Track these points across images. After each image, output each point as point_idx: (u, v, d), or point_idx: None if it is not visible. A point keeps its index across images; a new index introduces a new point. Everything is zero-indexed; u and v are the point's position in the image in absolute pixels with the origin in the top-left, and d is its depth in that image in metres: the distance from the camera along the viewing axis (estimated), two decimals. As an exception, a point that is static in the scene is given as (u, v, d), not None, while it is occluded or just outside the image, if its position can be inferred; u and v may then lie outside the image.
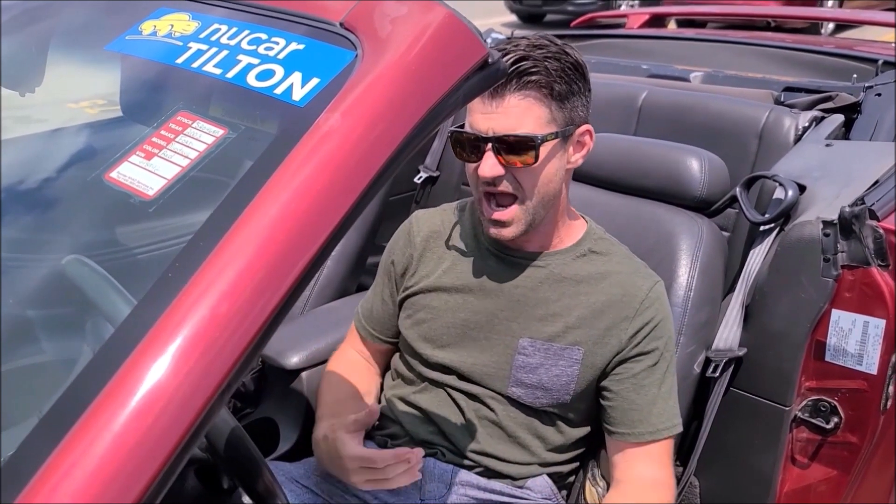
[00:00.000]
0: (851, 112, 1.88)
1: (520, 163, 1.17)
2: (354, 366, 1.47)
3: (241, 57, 0.81)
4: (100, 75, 1.20)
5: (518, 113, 1.15)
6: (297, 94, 0.75)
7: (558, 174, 1.22)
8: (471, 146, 1.19)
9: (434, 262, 1.36)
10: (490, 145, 1.17)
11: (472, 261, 1.33)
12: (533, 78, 1.14)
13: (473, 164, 1.20)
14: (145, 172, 0.76)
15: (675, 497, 1.47)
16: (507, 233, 1.23)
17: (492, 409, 1.31)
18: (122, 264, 1.00)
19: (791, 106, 1.90)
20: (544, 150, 1.17)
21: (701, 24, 5.59)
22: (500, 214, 1.22)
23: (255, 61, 0.79)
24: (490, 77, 0.81)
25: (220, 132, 0.78)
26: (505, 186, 1.20)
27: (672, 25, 4.36)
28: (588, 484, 1.38)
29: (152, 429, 0.59)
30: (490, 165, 1.17)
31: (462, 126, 1.22)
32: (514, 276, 1.30)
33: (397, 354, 1.46)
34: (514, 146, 1.16)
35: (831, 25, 8.73)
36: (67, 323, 0.97)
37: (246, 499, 0.96)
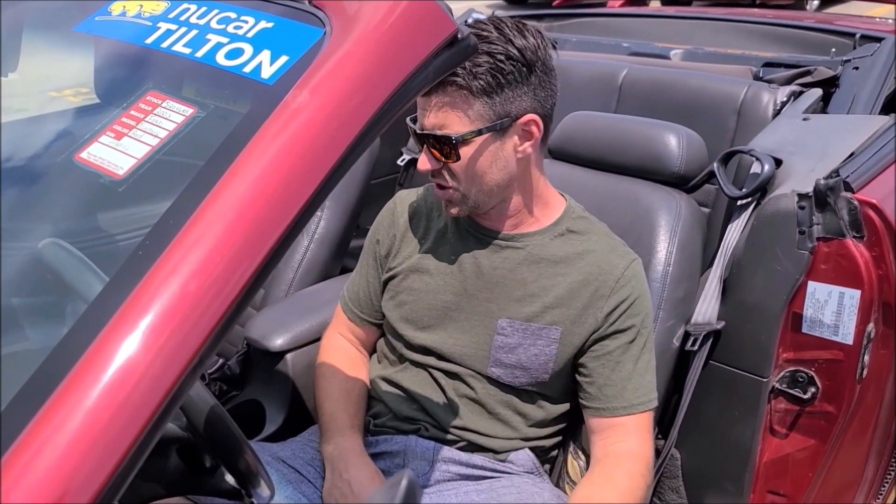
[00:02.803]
0: (829, 86, 1.90)
1: (445, 160, 1.20)
2: (345, 357, 1.45)
3: (210, 36, 0.81)
4: (81, 62, 1.19)
5: (440, 112, 1.17)
6: (266, 72, 0.75)
7: (496, 166, 1.21)
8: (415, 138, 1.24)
9: (416, 243, 1.37)
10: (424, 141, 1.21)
11: (453, 242, 1.34)
12: (451, 77, 1.13)
13: None
14: (115, 152, 0.76)
15: (656, 469, 1.49)
16: (453, 211, 1.28)
17: (472, 388, 1.32)
18: (95, 244, 1.00)
19: (770, 81, 1.91)
20: (469, 147, 1.18)
21: (685, 2, 5.57)
22: (441, 194, 1.27)
23: (225, 40, 0.80)
24: (459, 53, 0.81)
25: (189, 111, 0.78)
26: (442, 178, 1.24)
27: (655, 3, 4.35)
28: (570, 457, 1.40)
29: (125, 404, 0.60)
30: (424, 160, 1.22)
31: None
32: (493, 257, 1.31)
33: (382, 337, 1.46)
34: (437, 145, 1.19)
35: (816, 2, 8.74)
36: (46, 306, 0.97)
37: (229, 477, 0.97)
